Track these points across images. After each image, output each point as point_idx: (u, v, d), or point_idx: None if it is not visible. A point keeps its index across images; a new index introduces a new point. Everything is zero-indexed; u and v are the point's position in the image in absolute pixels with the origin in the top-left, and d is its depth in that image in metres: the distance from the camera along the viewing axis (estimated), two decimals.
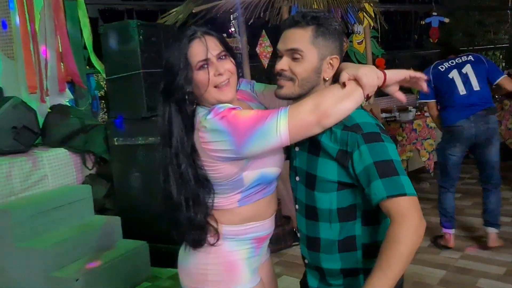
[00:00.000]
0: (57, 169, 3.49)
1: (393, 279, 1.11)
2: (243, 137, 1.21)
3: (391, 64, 7.08)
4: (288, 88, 1.31)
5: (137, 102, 3.36)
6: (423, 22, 6.74)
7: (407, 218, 1.12)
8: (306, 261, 1.42)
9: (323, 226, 1.31)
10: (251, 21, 3.60)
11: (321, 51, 1.28)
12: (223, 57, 1.34)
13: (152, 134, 3.40)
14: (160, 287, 3.20)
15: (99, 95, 4.33)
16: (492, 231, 3.34)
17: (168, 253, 3.48)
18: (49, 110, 3.55)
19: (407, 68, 5.30)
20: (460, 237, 3.68)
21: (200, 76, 1.31)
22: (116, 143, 3.53)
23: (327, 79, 1.32)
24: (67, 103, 3.77)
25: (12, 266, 2.97)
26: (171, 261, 3.41)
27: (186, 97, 1.32)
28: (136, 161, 3.49)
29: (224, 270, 1.40)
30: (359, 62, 5.76)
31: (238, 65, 1.42)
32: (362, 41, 5.50)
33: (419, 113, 5.07)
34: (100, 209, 3.71)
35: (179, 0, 4.50)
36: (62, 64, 3.69)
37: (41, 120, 3.59)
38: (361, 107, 1.34)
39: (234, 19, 5.00)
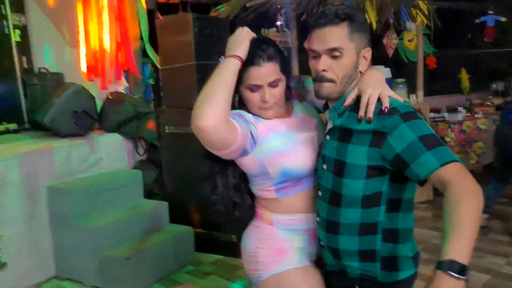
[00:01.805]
0: (111, 153, 3.67)
1: (472, 238, 1.05)
2: None
3: (442, 62, 6.90)
4: (329, 89, 1.33)
5: (189, 92, 3.47)
6: (478, 21, 6.51)
7: (464, 181, 1.12)
8: (321, 243, 1.45)
9: (345, 211, 1.33)
10: (304, 16, 3.62)
11: (358, 45, 1.32)
12: (275, 84, 1.42)
13: None
14: (203, 272, 3.33)
15: (152, 84, 4.49)
16: None
17: (211, 240, 3.61)
18: (111, 97, 3.72)
19: (459, 67, 5.16)
20: (506, 242, 3.60)
21: (247, 94, 1.43)
22: (166, 131, 3.67)
23: (363, 71, 1.36)
24: (123, 91, 3.94)
25: (68, 243, 3.18)
26: (214, 247, 3.57)
27: (237, 100, 1.45)
28: (185, 149, 3.61)
29: (274, 253, 1.50)
30: (409, 60, 5.67)
31: (288, 77, 1.50)
32: (413, 38, 5.41)
33: (469, 114, 4.94)
34: (148, 194, 3.87)
35: None
36: (119, 53, 3.86)
37: (98, 106, 3.78)
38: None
39: (284, 13, 5.03)
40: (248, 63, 1.38)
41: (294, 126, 1.49)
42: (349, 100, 1.33)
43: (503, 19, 6.49)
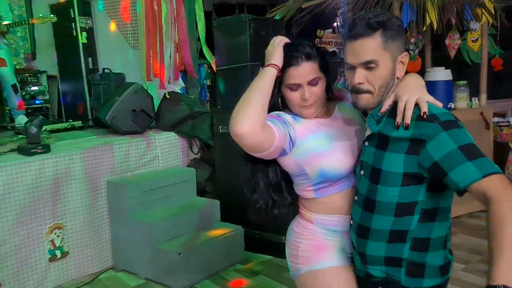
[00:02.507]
0: (166, 151, 3.80)
1: None
2: None
3: (509, 64, 6.52)
4: (367, 100, 1.33)
5: (243, 93, 3.52)
6: None
7: (507, 194, 1.08)
8: (354, 245, 1.46)
9: (377, 218, 1.33)
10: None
11: (393, 53, 1.29)
12: (315, 83, 1.45)
13: None
14: (252, 271, 3.36)
15: (208, 84, 4.59)
16: None
17: (261, 240, 3.63)
18: (168, 97, 3.86)
19: None
20: None
21: (288, 94, 1.48)
22: (220, 131, 3.73)
23: (400, 77, 1.34)
24: (179, 91, 4.07)
25: (124, 235, 3.32)
26: (264, 247, 3.59)
27: (279, 99, 1.51)
28: (237, 150, 3.63)
29: (313, 249, 1.55)
30: (472, 62, 5.41)
31: (329, 78, 1.51)
32: (477, 39, 5.15)
33: None
34: (201, 191, 3.96)
35: None
36: (177, 54, 3.98)
37: (156, 105, 3.93)
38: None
39: (340, 14, 4.96)
40: (287, 64, 1.44)
41: (333, 127, 1.51)
42: (386, 106, 1.32)
43: None
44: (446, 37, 4.88)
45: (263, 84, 1.39)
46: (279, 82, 1.46)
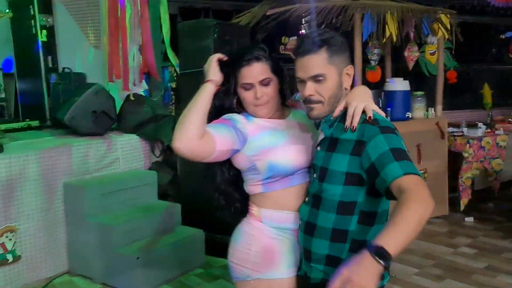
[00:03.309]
0: (128, 154, 3.74)
1: (406, 231, 1.13)
2: None
3: (465, 77, 6.81)
4: (319, 110, 1.44)
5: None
6: (503, 36, 6.42)
7: (419, 189, 1.20)
8: (301, 244, 1.53)
9: (322, 214, 1.43)
10: (323, 26, 3.65)
11: (338, 67, 1.42)
12: (266, 83, 1.55)
13: None
14: (213, 275, 3.35)
15: (172, 87, 4.56)
16: None
17: (223, 244, 3.60)
18: (132, 98, 3.80)
19: (483, 82, 5.10)
20: None
21: (242, 93, 1.58)
22: None
23: (347, 88, 1.47)
24: (142, 93, 4.02)
25: (81, 239, 3.24)
26: (225, 251, 3.57)
27: (235, 101, 1.61)
28: None
29: (264, 256, 1.58)
30: (430, 74, 5.62)
31: (282, 82, 1.61)
32: (435, 52, 5.36)
33: (489, 130, 4.86)
34: (162, 195, 3.92)
35: (254, 1, 4.63)
36: (141, 56, 3.94)
37: (118, 106, 3.87)
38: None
39: (306, 22, 5.05)
40: (240, 65, 1.55)
41: (285, 127, 1.61)
42: (337, 111, 1.45)
43: None
44: (405, 49, 5.05)
45: (199, 100, 1.48)
46: (235, 83, 1.57)
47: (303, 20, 4.89)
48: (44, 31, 4.16)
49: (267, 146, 1.53)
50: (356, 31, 3.82)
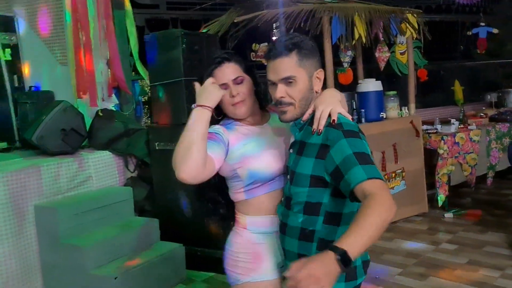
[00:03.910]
0: (101, 171, 3.65)
1: (369, 236, 1.15)
2: None
3: (436, 75, 6.91)
4: (290, 112, 1.49)
5: (178, 108, 3.47)
6: (470, 33, 6.55)
7: (382, 194, 1.23)
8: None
9: (292, 214, 1.49)
10: (291, 31, 3.64)
11: (308, 70, 1.47)
12: (240, 81, 1.61)
13: None
14: None
15: (143, 100, 4.48)
16: None
17: (203, 257, 3.56)
18: (100, 114, 3.72)
19: (454, 79, 5.17)
20: (502, 255, 3.55)
21: None
22: (157, 148, 3.65)
23: (318, 91, 1.51)
24: (113, 108, 3.93)
25: (56, 262, 3.13)
26: (206, 264, 3.52)
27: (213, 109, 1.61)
28: None
29: (252, 260, 1.66)
30: (401, 73, 5.67)
31: (257, 83, 1.67)
32: (405, 51, 5.42)
33: (462, 126, 4.93)
34: (140, 211, 3.83)
35: (222, 10, 4.61)
36: (109, 70, 3.86)
37: (88, 123, 3.77)
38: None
39: (276, 28, 5.05)
40: (213, 67, 1.62)
41: (264, 133, 1.67)
42: (306, 115, 1.49)
43: (495, 30, 6.53)
44: (375, 50, 5.09)
45: (200, 129, 1.48)
46: None
47: (274, 25, 4.89)
48: (8, 50, 4.04)
49: (247, 154, 1.59)
50: (325, 34, 3.83)
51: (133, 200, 3.63)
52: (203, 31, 4.30)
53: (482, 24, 6.50)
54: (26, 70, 4.15)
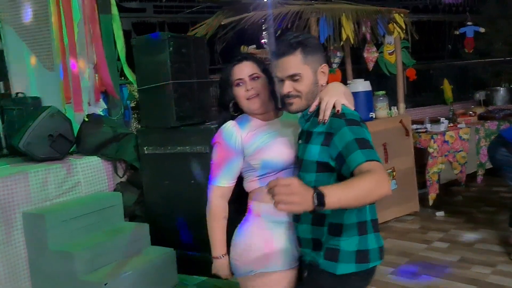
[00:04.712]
0: (90, 176, 3.61)
1: (352, 194, 1.25)
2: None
3: (425, 74, 6.95)
4: (297, 104, 1.60)
5: (166, 112, 3.45)
6: (457, 32, 6.60)
7: (378, 171, 1.33)
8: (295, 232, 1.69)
9: None
10: (279, 32, 3.64)
11: (313, 66, 1.57)
12: (256, 78, 1.75)
13: (181, 144, 3.47)
14: None
15: (132, 105, 4.45)
16: None
17: (195, 261, 3.53)
18: (86, 119, 3.68)
19: (443, 78, 5.19)
20: (493, 252, 3.57)
21: (236, 91, 1.77)
22: (146, 152, 3.63)
23: (323, 84, 1.62)
24: (101, 113, 3.90)
25: (45, 270, 3.09)
26: (198, 268, 3.49)
27: (231, 105, 1.81)
28: (165, 170, 3.57)
29: (265, 250, 1.70)
30: (390, 73, 5.70)
31: (272, 83, 1.77)
32: (393, 51, 5.44)
33: (451, 125, 4.95)
34: (130, 216, 3.80)
35: (209, 13, 4.60)
36: (96, 75, 3.83)
37: (75, 128, 3.74)
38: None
39: (265, 30, 5.05)
40: (232, 65, 1.77)
41: (275, 126, 1.78)
42: (313, 106, 1.60)
43: (482, 30, 6.58)
44: (363, 51, 5.10)
45: None
46: (230, 85, 1.77)
47: (263, 26, 4.89)
48: None
49: (260, 146, 1.70)
50: (312, 35, 3.83)
51: (123, 205, 3.59)
52: (191, 34, 4.29)
53: (469, 23, 6.55)
54: (12, 76, 4.11)
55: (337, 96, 1.56)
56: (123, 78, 4.33)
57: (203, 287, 3.37)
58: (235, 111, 1.82)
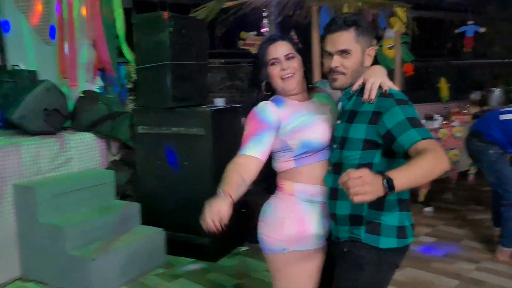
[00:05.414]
0: (83, 153, 3.61)
1: (416, 175, 1.34)
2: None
3: (423, 71, 6.95)
4: (341, 81, 1.62)
5: (163, 93, 3.44)
6: (457, 31, 6.60)
7: (436, 149, 1.40)
8: (328, 211, 1.70)
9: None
10: (280, 18, 3.63)
11: (363, 46, 1.60)
12: (291, 58, 1.74)
13: (176, 124, 3.46)
14: (174, 275, 3.27)
15: (129, 86, 4.43)
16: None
17: (184, 243, 3.55)
18: (82, 95, 3.67)
19: (440, 76, 5.19)
20: (478, 249, 3.61)
21: (271, 70, 1.76)
22: (140, 131, 3.62)
23: (368, 66, 1.64)
24: (97, 90, 3.88)
25: (34, 242, 3.10)
26: (187, 250, 3.51)
27: (263, 85, 1.78)
28: (159, 150, 3.56)
29: (298, 227, 1.72)
30: (388, 68, 5.69)
31: (305, 63, 1.80)
32: (392, 46, 5.44)
33: (445, 122, 4.97)
34: (121, 195, 3.81)
35: None
36: (94, 52, 3.80)
37: (71, 104, 3.72)
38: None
39: (266, 17, 5.02)
40: (266, 45, 1.76)
41: (312, 107, 1.78)
42: (356, 86, 1.62)
43: (482, 30, 6.57)
44: None
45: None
46: (265, 64, 1.75)
47: (264, 13, 4.87)
48: None
49: (299, 126, 1.69)
50: (314, 24, 3.83)
51: (115, 184, 3.60)
52: (192, 15, 4.26)
53: (470, 22, 6.54)
54: (9, 48, 4.07)
55: (382, 78, 1.59)
56: (120, 56, 4.30)
57: (190, 268, 3.39)
58: (268, 91, 1.81)
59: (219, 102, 3.94)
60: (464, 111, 5.46)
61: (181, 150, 3.47)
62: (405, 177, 1.32)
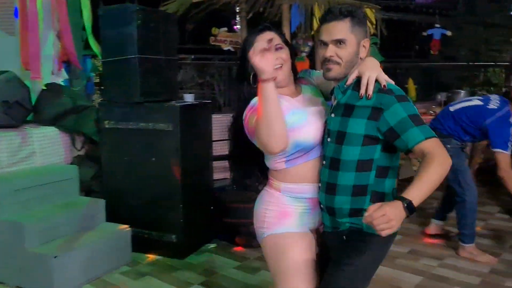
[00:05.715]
0: (46, 147, 3.50)
1: (428, 188, 1.42)
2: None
3: (392, 73, 7.07)
4: (335, 71, 1.62)
5: (131, 87, 3.37)
6: (425, 33, 6.76)
7: (440, 152, 1.46)
8: (321, 206, 1.73)
9: (342, 174, 1.62)
10: (250, 15, 3.62)
11: (358, 36, 1.61)
12: (279, 48, 1.71)
13: (143, 119, 3.40)
14: (139, 272, 3.22)
15: (96, 80, 4.32)
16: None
17: (151, 240, 3.50)
18: (44, 88, 3.55)
19: (408, 77, 5.30)
20: (441, 246, 3.70)
21: None
22: (106, 126, 3.53)
23: (362, 58, 1.64)
24: (62, 83, 3.78)
25: None
26: (153, 247, 3.46)
27: (251, 77, 1.69)
28: (126, 146, 3.49)
29: (278, 215, 1.76)
30: None
31: (293, 55, 1.78)
32: None
33: None
34: (86, 191, 3.72)
35: None
36: (59, 43, 3.69)
37: (34, 97, 3.60)
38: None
39: (237, 13, 5.00)
40: (255, 33, 1.72)
41: (305, 103, 1.75)
42: (350, 80, 1.60)
43: (449, 33, 6.75)
44: None
45: (275, 104, 1.50)
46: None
47: (236, 9, 4.84)
48: None
49: (292, 126, 1.64)
50: (284, 21, 3.84)
51: (80, 180, 3.51)
52: (162, 9, 4.19)
53: (437, 25, 6.71)
54: None
55: (378, 71, 1.57)
56: (87, 48, 4.19)
57: (156, 266, 3.34)
58: (255, 83, 1.69)
59: (189, 98, 3.90)
60: (430, 112, 5.59)
61: (148, 146, 3.41)
62: (420, 194, 1.41)
